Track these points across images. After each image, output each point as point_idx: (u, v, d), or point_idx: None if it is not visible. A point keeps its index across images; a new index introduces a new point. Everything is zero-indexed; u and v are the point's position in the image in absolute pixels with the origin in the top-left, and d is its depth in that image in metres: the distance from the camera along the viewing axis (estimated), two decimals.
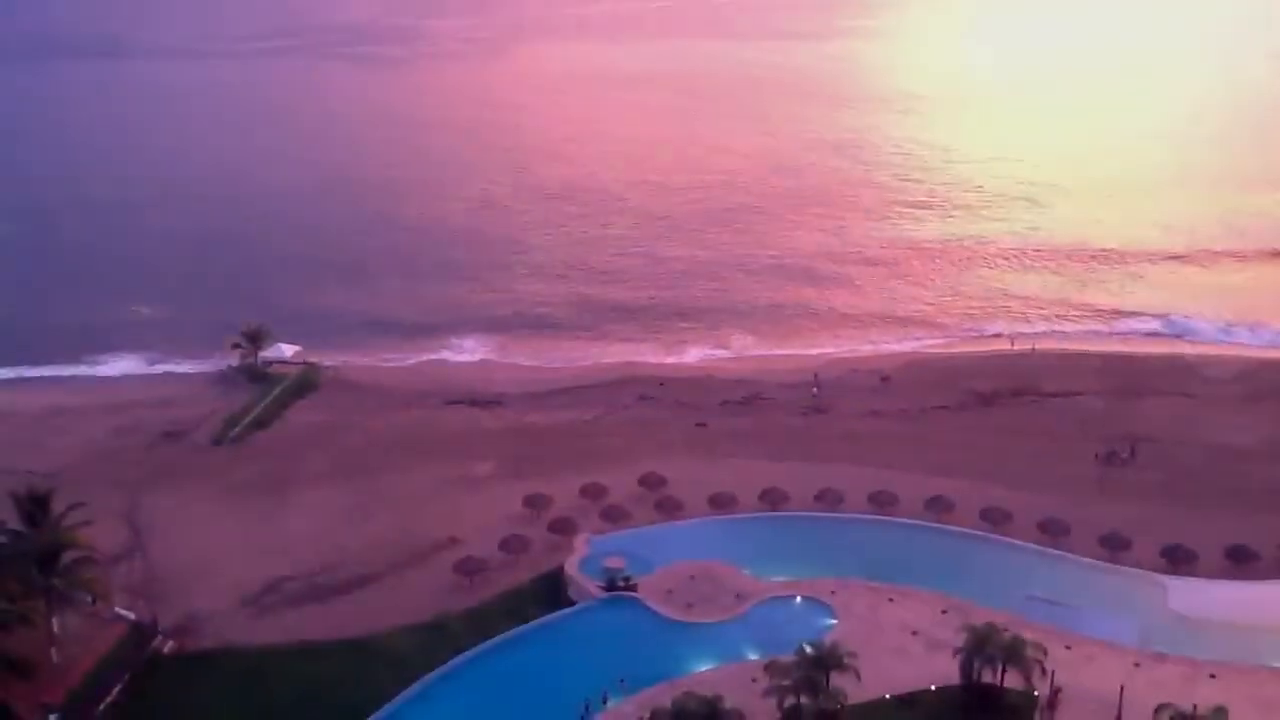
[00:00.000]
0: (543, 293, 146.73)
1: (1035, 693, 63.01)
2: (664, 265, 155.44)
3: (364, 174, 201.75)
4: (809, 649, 62.56)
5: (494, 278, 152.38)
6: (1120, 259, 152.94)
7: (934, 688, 65.06)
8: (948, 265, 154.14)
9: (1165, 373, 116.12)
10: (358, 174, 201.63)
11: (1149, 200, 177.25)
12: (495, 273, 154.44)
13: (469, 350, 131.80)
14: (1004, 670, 63.29)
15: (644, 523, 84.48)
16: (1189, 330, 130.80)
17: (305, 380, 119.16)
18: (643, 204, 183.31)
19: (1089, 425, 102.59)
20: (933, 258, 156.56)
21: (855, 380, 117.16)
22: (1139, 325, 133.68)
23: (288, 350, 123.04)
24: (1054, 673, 63.07)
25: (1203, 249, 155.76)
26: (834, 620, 71.29)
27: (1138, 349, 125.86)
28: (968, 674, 64.03)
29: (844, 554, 78.56)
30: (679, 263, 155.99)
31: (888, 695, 64.41)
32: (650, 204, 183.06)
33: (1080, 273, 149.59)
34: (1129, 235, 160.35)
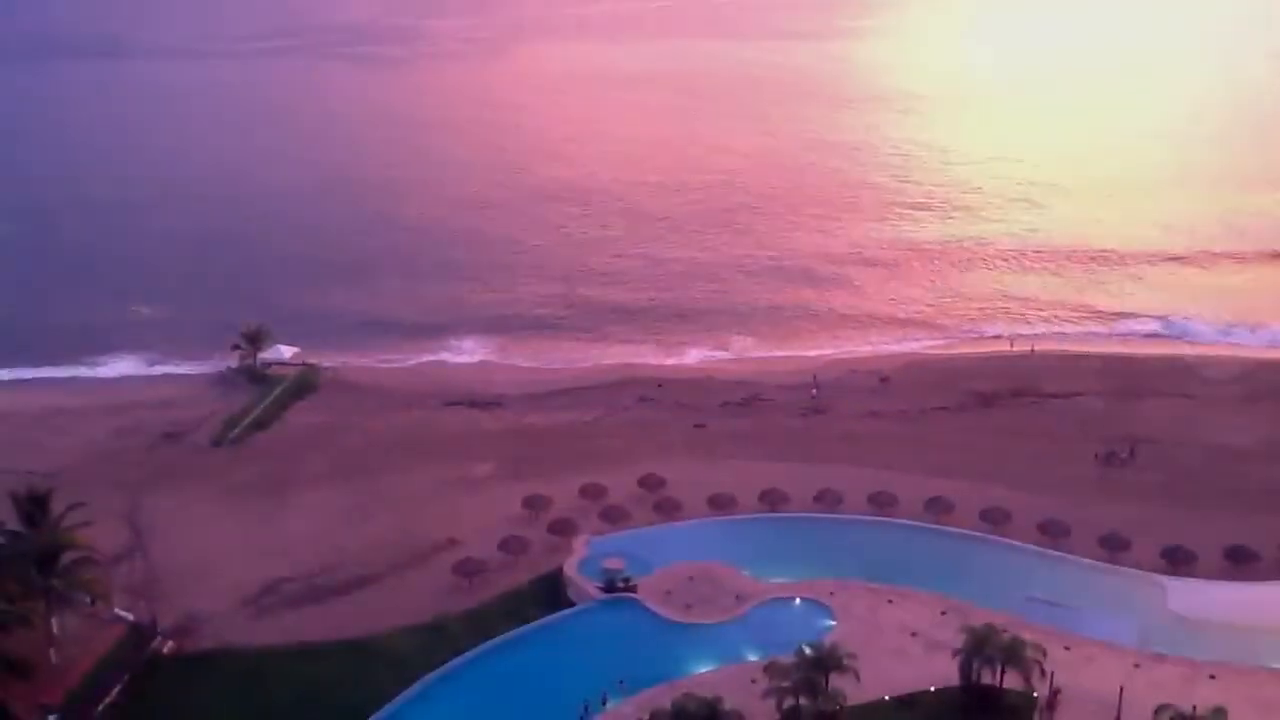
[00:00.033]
0: (542, 293, 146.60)
1: (1035, 694, 63.10)
2: (663, 266, 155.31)
3: (364, 174, 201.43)
4: (808, 650, 62.63)
5: (494, 278, 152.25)
6: (1120, 260, 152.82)
7: (933, 689, 65.13)
8: (947, 266, 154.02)
9: (1165, 374, 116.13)
10: (358, 174, 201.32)
11: (1149, 200, 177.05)
12: (495, 273, 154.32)
13: (468, 351, 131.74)
14: (1003, 671, 63.33)
15: (643, 524, 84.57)
16: (1188, 331, 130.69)
17: (304, 381, 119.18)
18: (642, 204, 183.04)
19: (1088, 426, 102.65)
20: (932, 259, 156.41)
21: (854, 381, 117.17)
22: (1138, 326, 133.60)
23: (286, 351, 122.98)
24: (1053, 674, 63.16)
25: (1202, 249, 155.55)
26: (833, 621, 71.35)
27: (1137, 350, 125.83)
28: (967, 675, 64.07)
29: (843, 555, 78.64)
30: (678, 264, 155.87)
31: (887, 696, 64.50)
32: (650, 204, 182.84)
33: (1080, 273, 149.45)
34: (1129, 236, 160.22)
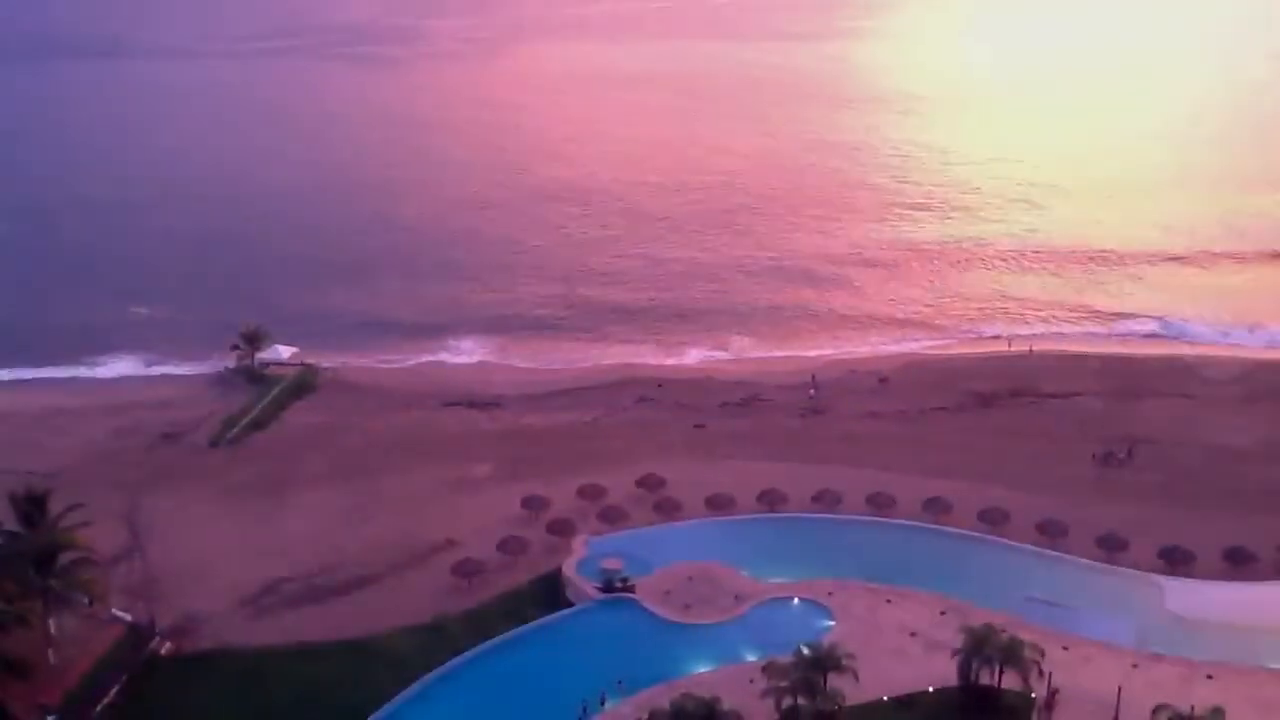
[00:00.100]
0: (542, 294, 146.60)
1: (1033, 694, 63.14)
2: (663, 266, 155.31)
3: (363, 174, 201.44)
4: (807, 650, 62.65)
5: (493, 278, 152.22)
6: (1119, 260, 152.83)
7: (932, 689, 65.17)
8: (946, 267, 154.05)
9: (1164, 374, 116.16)
10: (357, 174, 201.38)
11: (1148, 201, 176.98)
12: (494, 273, 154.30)
13: (467, 352, 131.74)
14: (1002, 671, 63.36)
15: (642, 524, 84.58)
16: (1187, 331, 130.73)
17: (303, 381, 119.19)
18: (642, 204, 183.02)
19: (1087, 426, 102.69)
20: (931, 259, 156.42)
21: (853, 382, 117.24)
22: (1137, 326, 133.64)
23: (285, 352, 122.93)
24: (1051, 674, 63.21)
25: (1202, 250, 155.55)
26: (832, 621, 71.40)
27: (1136, 350, 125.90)
28: (966, 675, 64.12)
29: (842, 555, 78.67)
30: (678, 264, 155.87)
31: (886, 696, 64.52)
32: (650, 205, 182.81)
33: (1079, 274, 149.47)
34: (1128, 236, 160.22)
